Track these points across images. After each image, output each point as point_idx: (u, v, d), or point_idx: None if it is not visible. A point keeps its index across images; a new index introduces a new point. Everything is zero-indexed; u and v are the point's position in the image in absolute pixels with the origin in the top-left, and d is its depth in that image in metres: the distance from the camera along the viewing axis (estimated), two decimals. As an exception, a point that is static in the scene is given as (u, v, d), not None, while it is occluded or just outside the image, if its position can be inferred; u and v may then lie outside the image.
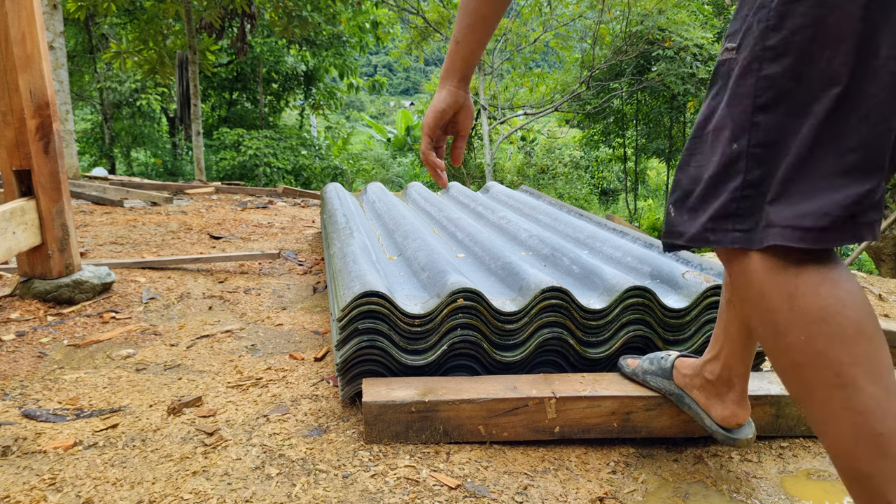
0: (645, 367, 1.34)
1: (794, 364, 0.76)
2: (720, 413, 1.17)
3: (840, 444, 0.74)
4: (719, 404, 1.17)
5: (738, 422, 1.16)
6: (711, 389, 1.18)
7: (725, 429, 1.17)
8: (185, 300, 2.26)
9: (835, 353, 0.72)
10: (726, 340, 1.12)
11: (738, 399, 1.16)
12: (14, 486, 1.09)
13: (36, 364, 1.67)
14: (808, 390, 0.75)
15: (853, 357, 0.72)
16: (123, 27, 11.92)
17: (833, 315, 0.73)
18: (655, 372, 1.31)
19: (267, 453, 1.22)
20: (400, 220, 2.27)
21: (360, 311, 1.36)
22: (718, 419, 1.17)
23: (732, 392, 1.15)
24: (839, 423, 0.73)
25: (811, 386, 0.74)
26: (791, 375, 0.77)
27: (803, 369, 0.75)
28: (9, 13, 1.89)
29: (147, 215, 4.25)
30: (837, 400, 0.72)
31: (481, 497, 1.11)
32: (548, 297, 1.46)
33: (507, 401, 1.28)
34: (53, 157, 2.05)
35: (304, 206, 5.35)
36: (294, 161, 13.35)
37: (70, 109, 6.21)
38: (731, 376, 1.13)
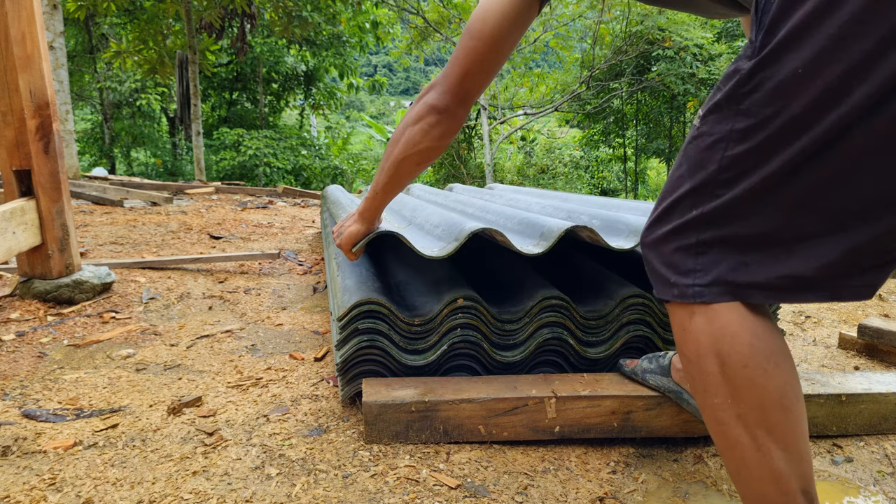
0: (644, 367, 1.34)
1: (718, 421, 0.83)
2: None
3: (748, 498, 0.82)
4: None
5: None
6: None
7: None
8: (185, 300, 2.26)
9: (755, 420, 0.79)
10: None
11: None
12: (14, 486, 1.09)
13: (36, 364, 1.67)
14: (728, 447, 0.82)
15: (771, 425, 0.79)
16: (123, 27, 11.92)
17: (758, 385, 0.79)
18: (654, 370, 1.32)
19: (267, 453, 1.22)
20: (405, 202, 2.26)
21: (360, 310, 1.36)
22: None
23: None
24: (749, 480, 0.81)
25: (731, 444, 0.82)
26: (715, 430, 0.84)
27: (726, 427, 0.81)
28: (9, 13, 1.89)
29: (147, 215, 4.25)
30: (753, 460, 0.80)
31: (481, 497, 1.11)
32: (548, 298, 1.46)
33: (507, 400, 1.28)
34: (53, 157, 2.05)
35: (304, 206, 5.35)
36: (294, 161, 13.35)
37: (70, 109, 6.21)
38: None
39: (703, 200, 0.80)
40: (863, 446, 1.36)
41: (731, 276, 0.79)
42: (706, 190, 0.80)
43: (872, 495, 1.20)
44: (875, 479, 1.25)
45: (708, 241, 0.80)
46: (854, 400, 1.37)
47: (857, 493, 1.20)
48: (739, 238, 0.78)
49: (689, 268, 0.82)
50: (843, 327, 2.16)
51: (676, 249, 0.83)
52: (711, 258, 0.80)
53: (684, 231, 0.82)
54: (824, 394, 1.36)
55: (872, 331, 1.85)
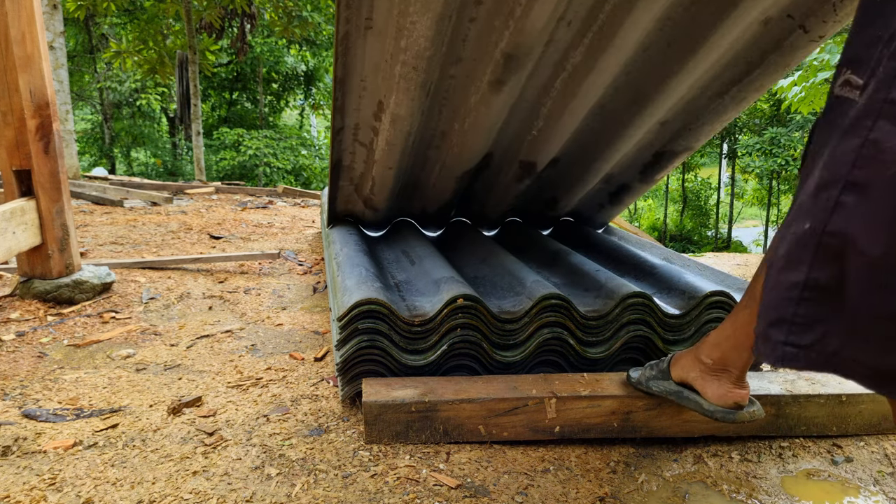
0: (647, 374, 1.32)
1: None
2: (715, 392, 1.15)
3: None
4: (714, 383, 1.16)
5: (735, 401, 1.14)
6: (707, 371, 1.17)
7: (724, 408, 1.15)
8: (185, 300, 2.26)
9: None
10: (733, 332, 1.11)
11: (734, 380, 1.15)
12: (14, 486, 1.09)
13: (36, 364, 1.67)
14: None
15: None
16: (123, 27, 11.93)
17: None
18: (656, 376, 1.30)
19: (267, 453, 1.22)
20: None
21: (361, 310, 1.36)
22: (714, 398, 1.16)
23: (728, 375, 1.15)
24: None
25: None
26: None
27: None
28: (9, 13, 1.89)
29: (147, 215, 4.25)
30: None
31: (481, 497, 1.11)
32: (548, 298, 1.46)
33: (507, 400, 1.28)
34: (53, 157, 2.05)
35: (304, 206, 5.35)
36: (294, 161, 13.35)
37: (70, 109, 6.21)
38: (727, 366, 1.14)
39: None
40: (863, 446, 1.36)
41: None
42: None
43: (872, 495, 1.20)
44: (875, 479, 1.25)
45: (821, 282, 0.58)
46: (854, 400, 1.37)
47: (857, 493, 1.20)
48: None
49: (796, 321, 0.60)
50: (843, 327, 2.16)
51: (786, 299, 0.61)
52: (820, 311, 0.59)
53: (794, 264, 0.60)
54: (824, 394, 1.36)
55: (872, 331, 1.85)
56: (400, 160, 1.90)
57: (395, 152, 1.84)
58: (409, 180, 2.14)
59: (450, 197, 2.22)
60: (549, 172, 2.16)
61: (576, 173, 2.19)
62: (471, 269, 1.91)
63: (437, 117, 1.81)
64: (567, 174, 2.20)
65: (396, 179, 2.03)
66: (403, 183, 2.14)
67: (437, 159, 2.00)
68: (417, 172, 2.09)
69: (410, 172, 2.09)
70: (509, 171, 2.13)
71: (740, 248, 18.05)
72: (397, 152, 1.84)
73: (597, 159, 2.09)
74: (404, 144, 1.82)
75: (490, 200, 2.33)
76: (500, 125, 1.86)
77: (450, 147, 1.91)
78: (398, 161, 1.90)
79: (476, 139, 1.86)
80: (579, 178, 2.21)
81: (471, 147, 1.90)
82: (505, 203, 2.33)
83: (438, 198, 2.23)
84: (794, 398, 1.35)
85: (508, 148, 2.02)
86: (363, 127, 1.79)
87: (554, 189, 2.30)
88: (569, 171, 2.18)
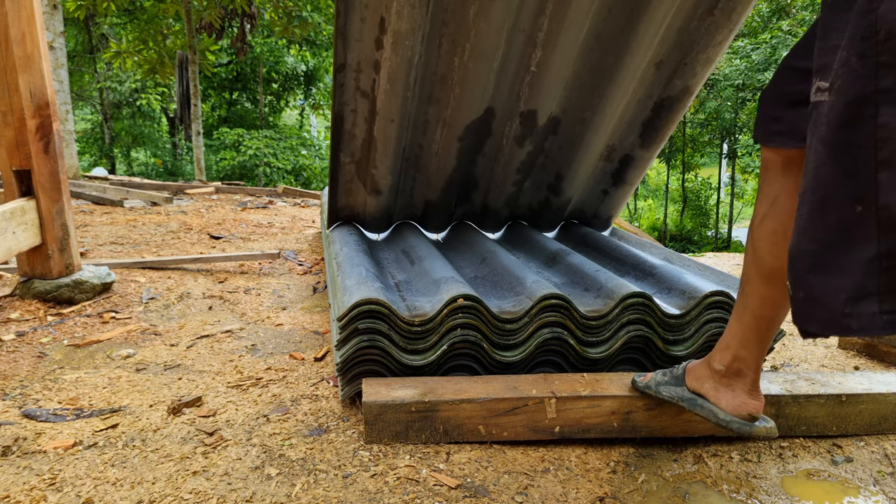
0: (658, 379, 1.31)
1: None
2: (730, 402, 1.13)
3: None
4: (729, 393, 1.14)
5: (749, 411, 1.12)
6: (721, 380, 1.15)
7: (740, 419, 1.12)
8: (185, 300, 2.26)
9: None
10: (739, 329, 1.11)
11: (748, 389, 1.13)
12: (14, 486, 1.09)
13: (36, 364, 1.67)
14: None
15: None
16: (123, 27, 11.93)
17: None
18: (668, 381, 1.28)
19: (267, 453, 1.22)
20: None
21: (361, 310, 1.36)
22: (730, 408, 1.13)
23: (742, 381, 1.13)
24: None
25: None
26: None
27: None
28: (9, 13, 1.89)
29: (147, 215, 4.25)
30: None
31: (481, 497, 1.11)
32: (548, 297, 1.46)
33: (507, 401, 1.28)
34: (53, 157, 2.05)
35: (304, 206, 5.35)
36: (294, 161, 13.36)
37: (70, 109, 6.21)
38: (740, 367, 1.12)
39: None
40: (863, 446, 1.36)
41: None
42: None
43: (872, 495, 1.20)
44: (875, 479, 1.25)
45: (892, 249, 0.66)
46: (854, 400, 1.37)
47: (857, 493, 1.20)
48: None
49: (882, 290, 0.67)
50: (843, 327, 2.16)
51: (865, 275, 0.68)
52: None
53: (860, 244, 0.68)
54: (824, 394, 1.36)
55: (872, 331, 1.84)
56: (402, 109, 1.89)
57: (397, 94, 1.83)
58: (411, 153, 2.11)
59: (452, 173, 2.17)
60: (550, 140, 2.15)
61: (576, 139, 2.16)
62: (471, 269, 1.91)
63: (437, 51, 1.81)
64: (567, 141, 2.17)
65: (399, 140, 2.00)
66: (405, 156, 2.11)
67: (437, 118, 1.99)
68: (419, 139, 2.06)
69: (412, 139, 2.06)
70: (511, 129, 2.09)
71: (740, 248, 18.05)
72: (399, 94, 1.83)
73: (595, 112, 2.07)
74: (406, 80, 1.82)
75: (494, 180, 2.27)
76: (499, 57, 1.85)
77: (450, 94, 1.90)
78: (400, 110, 1.89)
79: (476, 75, 1.86)
80: (580, 145, 2.18)
81: (471, 88, 1.89)
82: (508, 183, 2.28)
83: (441, 175, 2.17)
84: (794, 398, 1.35)
85: (508, 96, 2.00)
86: (365, 67, 1.78)
87: (556, 164, 2.26)
88: (569, 136, 2.16)
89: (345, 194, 2.17)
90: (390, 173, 2.11)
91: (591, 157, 2.24)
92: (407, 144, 2.08)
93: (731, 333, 1.14)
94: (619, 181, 2.37)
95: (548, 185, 2.36)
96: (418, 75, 1.86)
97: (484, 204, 2.39)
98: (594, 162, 2.28)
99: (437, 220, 2.40)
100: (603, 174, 2.34)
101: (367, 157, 2.04)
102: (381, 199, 2.20)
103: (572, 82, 1.99)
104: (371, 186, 2.14)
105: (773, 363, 1.82)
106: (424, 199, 2.30)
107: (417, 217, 2.38)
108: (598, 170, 2.32)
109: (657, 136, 2.18)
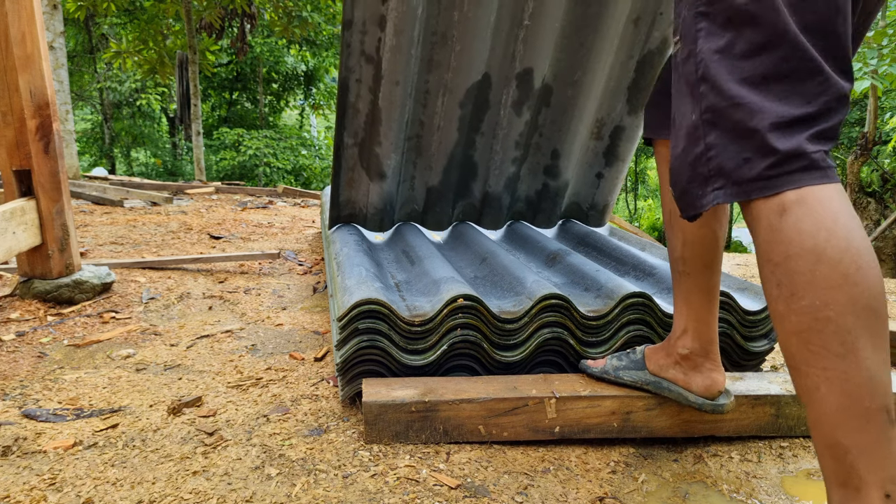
0: (615, 364, 1.35)
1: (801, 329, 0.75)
2: (702, 384, 1.21)
3: (826, 414, 0.74)
4: (698, 376, 1.22)
5: (718, 389, 1.21)
6: (688, 364, 1.22)
7: (710, 399, 1.22)
8: (185, 300, 2.26)
9: (844, 322, 0.72)
10: (689, 311, 1.18)
11: (714, 366, 1.21)
12: (14, 486, 1.09)
13: (36, 364, 1.67)
14: (809, 356, 0.75)
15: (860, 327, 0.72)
16: (123, 27, 11.93)
17: (853, 284, 0.72)
18: (627, 366, 1.33)
19: (267, 453, 1.22)
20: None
21: (360, 310, 1.36)
22: (701, 391, 1.22)
23: (708, 360, 1.21)
24: (831, 392, 0.73)
25: (814, 352, 0.74)
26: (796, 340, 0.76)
27: (811, 334, 0.74)
28: (9, 13, 1.89)
29: (147, 215, 4.25)
30: (835, 370, 0.73)
31: (481, 497, 1.11)
32: (548, 297, 1.46)
33: (507, 401, 1.28)
34: (53, 157, 2.05)
35: (304, 206, 5.35)
36: (294, 161, 13.36)
37: (70, 109, 6.21)
38: (703, 345, 1.19)
39: None
40: (863, 446, 1.36)
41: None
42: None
43: (872, 495, 1.20)
44: (875, 479, 1.25)
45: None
46: (854, 400, 1.37)
47: (857, 493, 1.20)
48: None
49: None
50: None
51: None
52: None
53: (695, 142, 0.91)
54: (824, 394, 1.36)
55: (872, 331, 1.84)
56: (406, 69, 1.92)
57: (402, 52, 1.87)
58: (413, 132, 2.13)
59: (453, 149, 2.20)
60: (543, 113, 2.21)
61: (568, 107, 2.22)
62: (471, 269, 1.91)
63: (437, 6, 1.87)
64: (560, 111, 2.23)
65: (402, 109, 2.03)
66: (407, 135, 2.13)
67: (439, 85, 2.03)
68: (420, 114, 2.10)
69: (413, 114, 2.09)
70: (508, 95, 2.14)
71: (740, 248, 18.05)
72: (404, 50, 1.87)
73: (585, 73, 2.14)
74: (411, 34, 1.86)
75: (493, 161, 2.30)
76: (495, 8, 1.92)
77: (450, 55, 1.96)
78: (404, 70, 1.92)
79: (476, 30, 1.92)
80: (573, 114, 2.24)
81: (471, 45, 1.95)
82: (508, 161, 2.30)
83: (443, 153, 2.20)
84: (794, 398, 1.35)
85: (503, 58, 2.06)
86: (370, 26, 1.82)
87: (551, 141, 2.30)
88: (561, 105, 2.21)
89: (347, 186, 2.15)
90: (394, 151, 2.12)
91: (583, 129, 2.29)
92: (409, 119, 2.10)
93: (683, 317, 1.19)
94: (612, 159, 2.41)
95: (545, 169, 2.38)
96: (420, 34, 1.90)
97: (484, 193, 2.39)
98: (586, 140, 2.33)
99: (438, 214, 2.39)
100: (595, 155, 2.39)
101: (371, 135, 2.04)
102: (384, 185, 2.18)
103: (561, 41, 2.06)
104: (375, 170, 2.13)
105: (773, 363, 1.82)
106: (426, 187, 2.30)
107: (419, 213, 2.38)
108: (590, 150, 2.37)
109: (643, 97, 2.24)
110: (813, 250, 0.74)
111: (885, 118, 8.80)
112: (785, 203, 0.76)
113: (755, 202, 0.79)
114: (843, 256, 0.73)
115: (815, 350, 0.74)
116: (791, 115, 0.76)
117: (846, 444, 0.73)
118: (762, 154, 0.77)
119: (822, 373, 0.74)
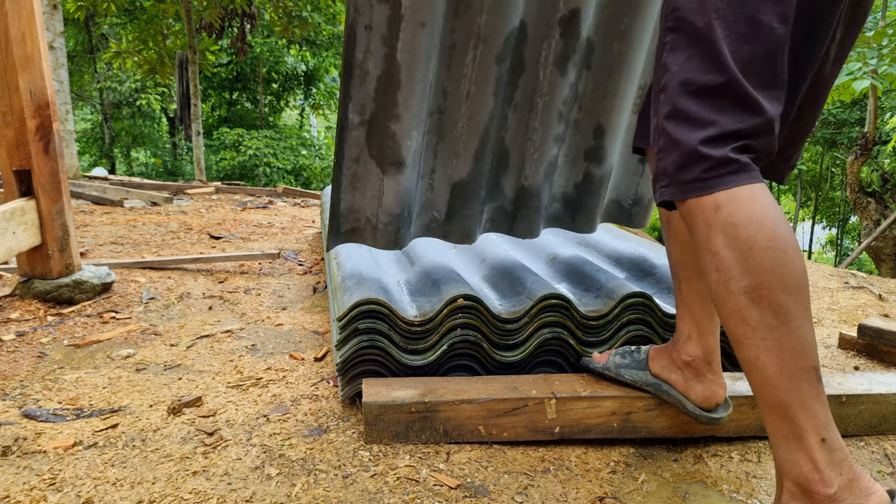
0: (617, 362, 1.35)
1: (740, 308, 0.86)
2: (701, 394, 1.22)
3: (768, 377, 0.86)
4: (699, 385, 1.22)
5: (717, 401, 1.22)
6: (690, 371, 1.22)
7: (707, 410, 1.23)
8: (185, 300, 2.26)
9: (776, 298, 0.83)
10: (691, 318, 1.18)
11: (715, 377, 1.21)
12: (14, 486, 1.09)
13: (36, 364, 1.67)
14: (748, 330, 0.86)
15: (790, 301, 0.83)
16: (123, 27, 11.93)
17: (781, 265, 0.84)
18: (629, 365, 1.33)
19: (267, 453, 1.22)
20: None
21: (360, 310, 1.36)
22: (699, 401, 1.22)
23: (711, 370, 1.21)
24: (770, 358, 0.85)
25: (752, 327, 0.85)
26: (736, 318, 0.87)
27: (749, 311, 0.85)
28: (9, 13, 1.89)
29: (147, 215, 4.25)
30: (772, 339, 0.84)
31: (481, 497, 1.11)
32: (548, 297, 1.46)
33: (507, 401, 1.28)
34: (53, 157, 2.05)
35: (304, 206, 5.35)
36: (294, 161, 13.37)
37: (70, 109, 6.21)
38: (706, 353, 1.19)
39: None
40: (863, 446, 1.36)
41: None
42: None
43: (872, 495, 1.20)
44: (875, 479, 1.25)
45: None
46: (854, 400, 1.37)
47: (857, 493, 1.20)
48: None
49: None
50: (843, 327, 2.16)
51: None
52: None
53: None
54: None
55: (872, 331, 1.85)
56: (433, 3, 1.38)
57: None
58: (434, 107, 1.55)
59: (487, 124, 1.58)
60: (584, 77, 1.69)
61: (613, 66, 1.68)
62: (471, 268, 1.91)
63: None
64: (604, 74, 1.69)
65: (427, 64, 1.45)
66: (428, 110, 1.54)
67: (468, 36, 1.47)
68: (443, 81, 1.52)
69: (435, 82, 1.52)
70: (549, 49, 1.58)
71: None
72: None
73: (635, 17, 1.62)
74: None
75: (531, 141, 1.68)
76: None
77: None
78: (431, 5, 1.38)
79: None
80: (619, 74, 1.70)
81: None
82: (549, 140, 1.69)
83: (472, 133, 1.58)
84: (795, 398, 1.35)
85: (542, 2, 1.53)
86: None
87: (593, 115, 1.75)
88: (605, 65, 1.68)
89: (350, 186, 1.52)
90: (415, 128, 1.50)
91: (630, 97, 1.77)
92: (432, 86, 1.51)
93: (686, 323, 1.20)
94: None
95: (586, 152, 1.80)
96: None
97: (519, 188, 1.76)
98: (629, 114, 1.82)
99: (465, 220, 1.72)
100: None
101: (384, 106, 1.44)
102: (401, 180, 1.53)
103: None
104: (389, 157, 1.49)
105: (773, 363, 1.82)
106: (450, 183, 1.65)
107: (439, 223, 1.72)
108: (632, 127, 1.84)
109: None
110: (746, 240, 0.84)
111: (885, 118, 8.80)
112: (719, 201, 0.86)
113: (693, 200, 0.89)
114: (772, 244, 0.83)
115: (753, 325, 0.85)
116: (723, 131, 0.86)
117: (787, 400, 0.85)
118: (697, 160, 0.87)
119: (760, 342, 0.85)
